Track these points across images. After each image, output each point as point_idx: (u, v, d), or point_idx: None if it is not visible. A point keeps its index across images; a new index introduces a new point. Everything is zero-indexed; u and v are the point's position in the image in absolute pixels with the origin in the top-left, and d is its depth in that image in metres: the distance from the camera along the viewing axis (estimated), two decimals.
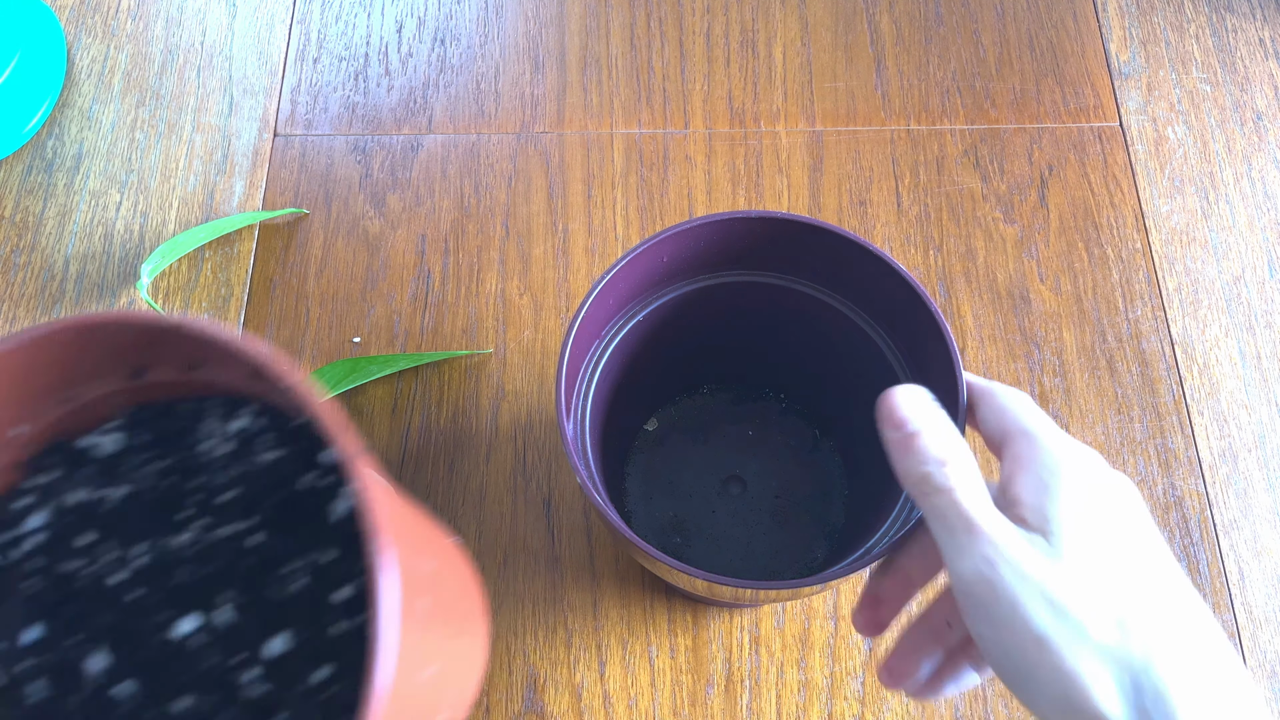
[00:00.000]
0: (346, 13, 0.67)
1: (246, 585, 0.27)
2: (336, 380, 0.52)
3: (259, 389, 0.28)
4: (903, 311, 0.41)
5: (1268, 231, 0.61)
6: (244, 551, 0.28)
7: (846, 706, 0.49)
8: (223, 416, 0.29)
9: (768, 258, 0.45)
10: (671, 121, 0.64)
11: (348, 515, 0.27)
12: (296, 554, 0.28)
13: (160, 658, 0.26)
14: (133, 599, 0.27)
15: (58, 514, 0.28)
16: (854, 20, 0.67)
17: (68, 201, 0.61)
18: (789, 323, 0.48)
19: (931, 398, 0.33)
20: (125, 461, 0.29)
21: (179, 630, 0.27)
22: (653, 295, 0.46)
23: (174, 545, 0.28)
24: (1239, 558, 0.52)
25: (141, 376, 0.28)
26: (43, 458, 0.28)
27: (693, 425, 0.54)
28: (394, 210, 0.61)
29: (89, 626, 0.26)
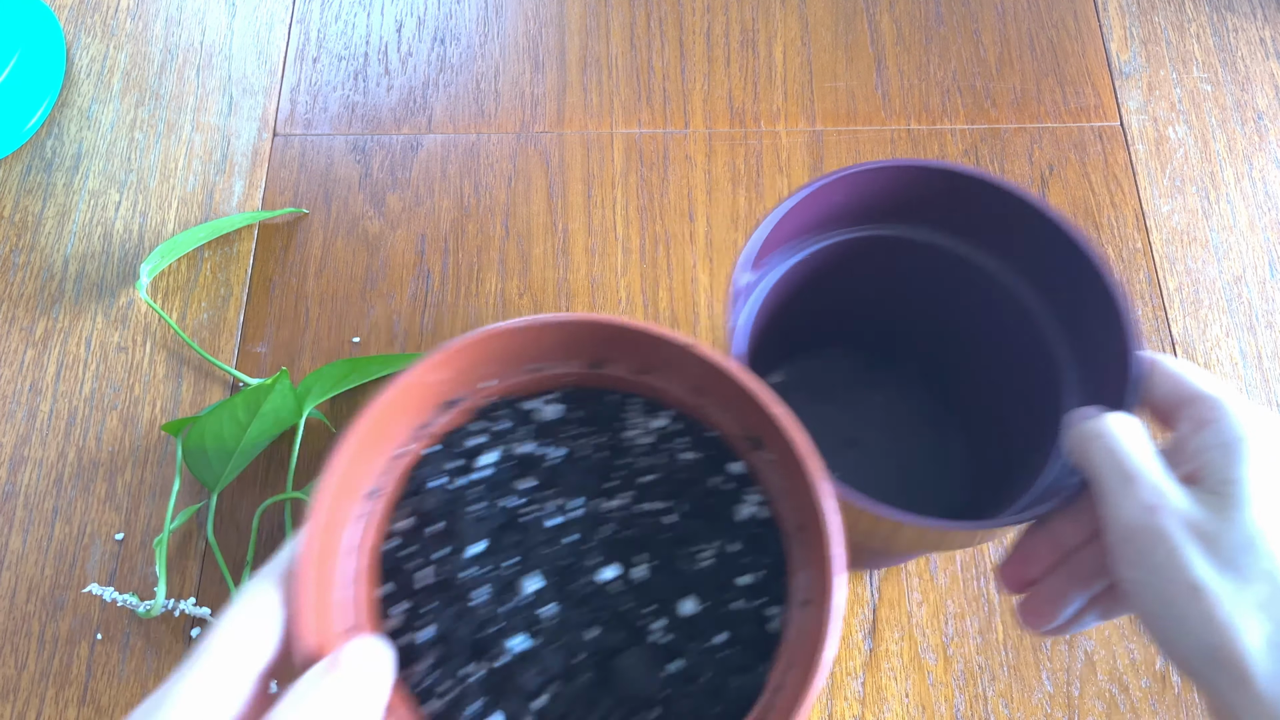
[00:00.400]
0: (346, 12, 0.67)
1: (660, 553, 0.33)
2: (336, 380, 0.52)
3: (691, 402, 0.34)
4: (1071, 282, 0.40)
5: (1269, 231, 0.61)
6: (661, 526, 0.33)
7: (847, 707, 0.49)
8: (644, 413, 0.34)
9: (934, 214, 0.44)
10: (671, 121, 0.64)
11: (749, 519, 0.33)
12: (705, 538, 0.33)
13: (582, 593, 0.32)
14: (567, 542, 0.33)
15: (505, 458, 0.34)
16: (854, 20, 0.67)
17: (67, 201, 0.61)
18: (940, 289, 0.47)
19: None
20: (562, 429, 0.34)
21: (601, 575, 0.32)
22: (809, 240, 0.45)
23: (603, 507, 0.33)
24: None
25: (600, 368, 0.34)
26: (494, 409, 0.34)
27: (820, 384, 0.52)
28: (394, 210, 0.61)
29: (526, 554, 0.32)
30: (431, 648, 0.31)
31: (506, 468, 0.34)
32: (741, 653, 0.31)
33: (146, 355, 0.57)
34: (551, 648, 0.31)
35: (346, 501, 0.31)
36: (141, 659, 0.49)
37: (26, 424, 0.55)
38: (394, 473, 0.33)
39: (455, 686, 0.31)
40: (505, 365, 0.33)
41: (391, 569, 0.32)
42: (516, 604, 0.32)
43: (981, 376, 0.49)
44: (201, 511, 0.52)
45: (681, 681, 0.31)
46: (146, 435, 0.54)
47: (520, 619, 0.32)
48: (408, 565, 0.32)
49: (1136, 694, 0.49)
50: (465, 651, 0.31)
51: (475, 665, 0.31)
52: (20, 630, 0.50)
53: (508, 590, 0.32)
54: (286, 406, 0.50)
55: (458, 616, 0.31)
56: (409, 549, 0.33)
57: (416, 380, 0.31)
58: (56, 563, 0.52)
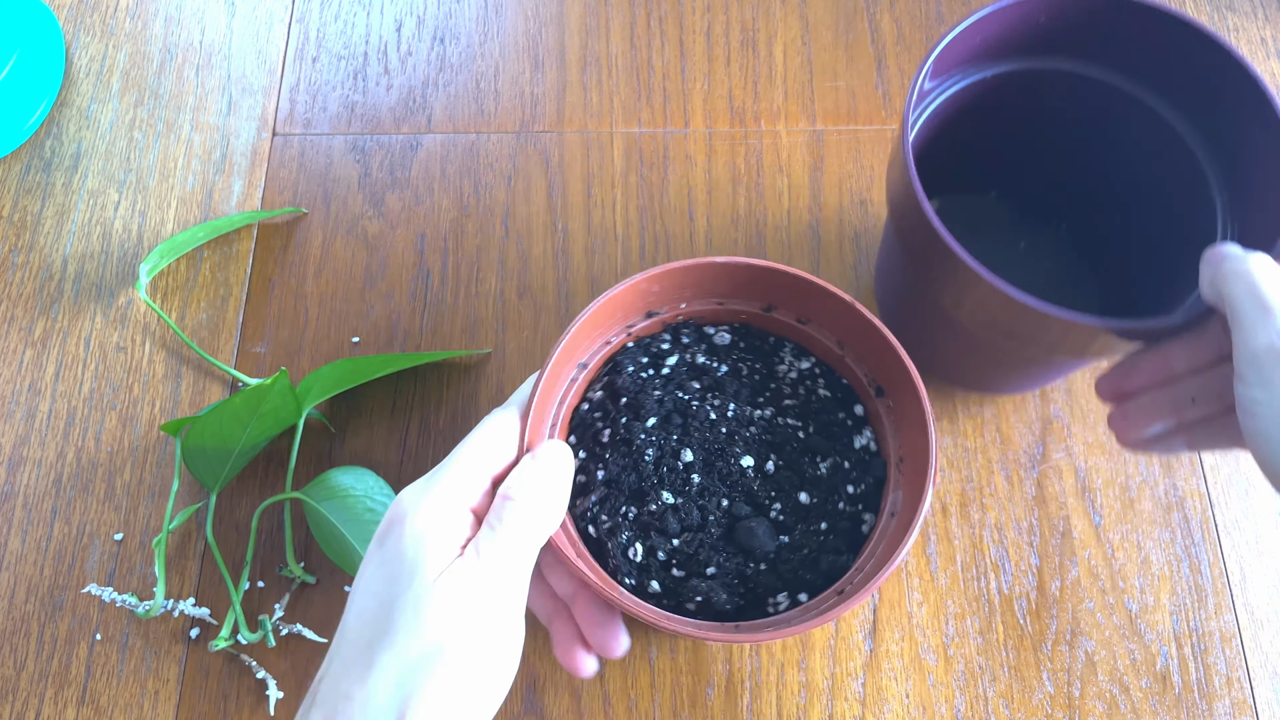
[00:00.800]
0: (345, 12, 0.67)
1: (788, 457, 0.42)
2: (336, 380, 0.52)
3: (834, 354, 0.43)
4: (1235, 114, 0.43)
5: None
6: (793, 438, 0.43)
7: (847, 708, 0.48)
8: (794, 356, 0.45)
9: (1103, 47, 0.46)
10: (671, 121, 0.64)
11: (862, 448, 0.42)
12: (825, 453, 0.42)
13: (724, 471, 0.41)
14: (720, 431, 0.42)
15: (682, 363, 0.44)
16: (854, 19, 0.67)
17: (66, 201, 0.61)
18: (1100, 128, 0.49)
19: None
20: (730, 352, 0.45)
21: (741, 462, 0.42)
22: (981, 66, 0.47)
23: (751, 414, 0.43)
24: (1240, 558, 0.52)
25: (770, 311, 0.44)
26: (682, 326, 0.45)
27: (968, 221, 0.50)
28: (393, 210, 0.61)
29: (686, 434, 0.42)
30: (601, 488, 0.41)
31: (683, 370, 0.44)
32: (836, 540, 0.40)
33: (146, 355, 0.57)
34: (693, 505, 0.40)
35: (567, 365, 0.42)
36: (141, 659, 0.49)
37: (25, 424, 0.55)
38: (600, 355, 0.44)
39: (613, 520, 0.40)
40: (700, 292, 0.43)
41: (579, 424, 0.43)
42: (672, 469, 0.41)
43: (1129, 229, 0.51)
44: (201, 511, 0.52)
45: (788, 550, 0.40)
46: (146, 435, 0.54)
47: (674, 480, 0.41)
48: (594, 424, 0.43)
49: (1137, 694, 0.49)
50: (626, 495, 0.41)
51: (631, 507, 0.40)
52: (19, 630, 0.50)
53: (669, 457, 0.41)
54: (286, 406, 0.49)
55: (626, 468, 0.41)
56: (596, 413, 0.43)
57: (637, 285, 0.41)
58: (55, 563, 0.51)
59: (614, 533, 0.40)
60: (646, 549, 0.39)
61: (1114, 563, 0.52)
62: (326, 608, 0.50)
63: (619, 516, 0.40)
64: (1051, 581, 0.51)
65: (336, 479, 0.51)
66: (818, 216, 0.61)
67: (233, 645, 0.49)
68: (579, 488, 0.41)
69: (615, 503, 0.41)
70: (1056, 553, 0.52)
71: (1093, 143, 0.50)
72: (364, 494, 0.50)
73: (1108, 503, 0.53)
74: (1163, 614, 0.51)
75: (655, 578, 0.40)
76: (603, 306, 0.41)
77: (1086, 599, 0.51)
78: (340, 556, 0.49)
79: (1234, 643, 0.50)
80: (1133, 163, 0.50)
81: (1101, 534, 0.52)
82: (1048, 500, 0.53)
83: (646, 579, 0.40)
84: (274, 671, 0.49)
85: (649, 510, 0.40)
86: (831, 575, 0.40)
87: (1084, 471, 0.54)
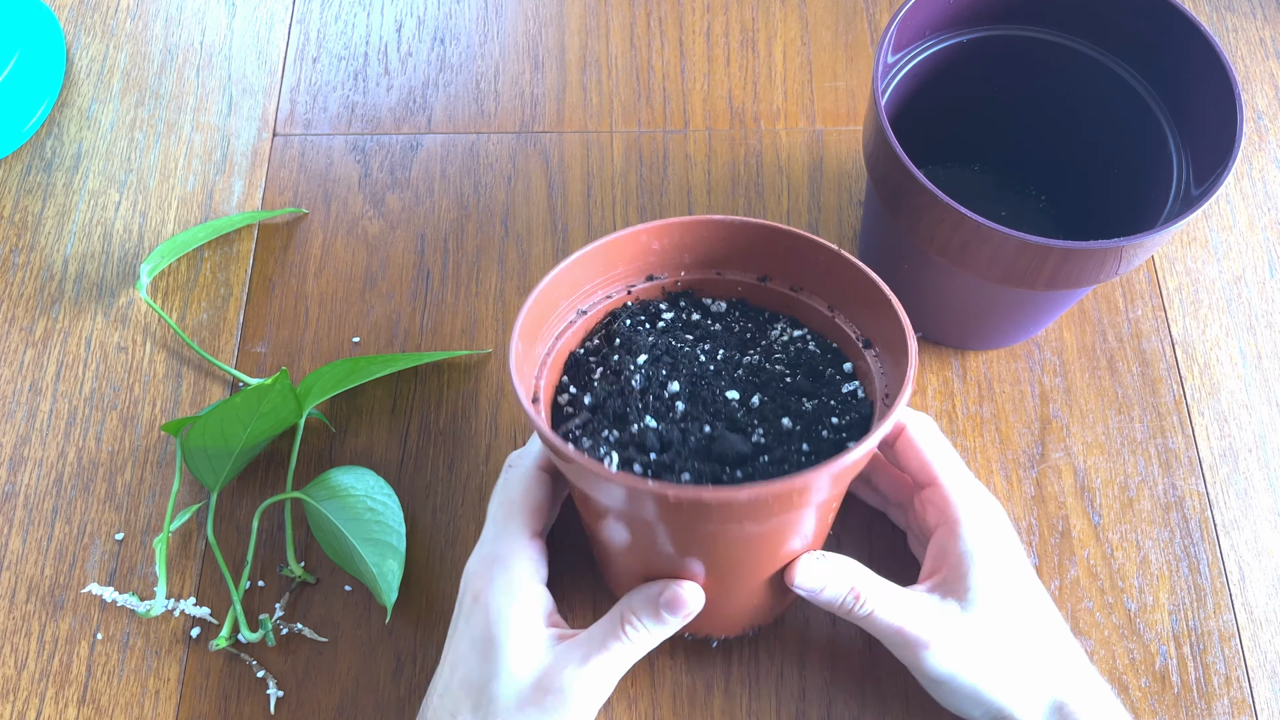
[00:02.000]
0: (346, 12, 0.67)
1: (775, 395, 0.43)
2: (336, 380, 0.52)
3: (827, 323, 0.45)
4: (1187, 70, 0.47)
5: (1268, 231, 0.61)
6: (781, 380, 0.43)
7: (846, 709, 0.49)
8: (788, 326, 0.46)
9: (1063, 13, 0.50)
10: (671, 121, 0.64)
11: (850, 393, 0.43)
12: (812, 394, 0.43)
13: (708, 401, 0.42)
14: (707, 367, 0.43)
15: (678, 319, 0.46)
16: (854, 19, 0.67)
17: (67, 201, 0.61)
18: (1064, 91, 0.53)
19: (820, 557, 0.43)
20: (724, 317, 0.47)
21: (726, 394, 0.42)
22: (942, 36, 0.51)
23: (740, 358, 0.44)
24: (1239, 558, 0.52)
25: (764, 281, 0.46)
26: (681, 296, 0.47)
27: (950, 191, 0.50)
28: (393, 210, 0.61)
29: (676, 370, 0.43)
30: (585, 411, 0.42)
31: (678, 325, 0.45)
32: (817, 461, 0.40)
33: (146, 355, 0.57)
34: (675, 428, 0.41)
35: (565, 303, 0.44)
36: (141, 659, 0.49)
37: (26, 424, 0.55)
38: (601, 306, 0.45)
39: (593, 440, 0.40)
40: (698, 257, 0.46)
41: (573, 365, 0.44)
42: (658, 396, 0.42)
43: (1096, 193, 0.55)
44: (201, 511, 0.52)
45: (766, 464, 0.40)
46: (146, 435, 0.54)
47: (658, 407, 0.41)
48: (587, 363, 0.44)
49: (1136, 694, 0.49)
50: (610, 419, 0.41)
51: (614, 430, 0.41)
52: (20, 630, 0.50)
53: (655, 386, 0.42)
54: (286, 406, 0.50)
55: (612, 394, 0.42)
56: (591, 357, 0.44)
57: (638, 235, 0.43)
58: (56, 563, 0.52)
59: (593, 451, 0.40)
60: (623, 459, 0.39)
61: (1113, 562, 0.52)
62: (327, 607, 0.51)
63: (599, 437, 0.40)
64: (1051, 581, 0.51)
65: (337, 479, 0.51)
66: (817, 217, 0.61)
67: (233, 645, 0.49)
68: (564, 415, 0.42)
69: (598, 425, 0.41)
70: (1055, 552, 0.52)
71: (1059, 108, 0.54)
72: (364, 494, 0.50)
73: (1107, 502, 0.53)
74: (1161, 614, 0.51)
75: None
76: (601, 248, 0.43)
77: (1085, 598, 0.51)
78: (340, 556, 0.49)
79: (1233, 642, 0.50)
80: (1097, 126, 0.53)
81: (1100, 534, 0.52)
82: (1046, 500, 0.53)
83: None
84: (274, 671, 0.49)
85: (630, 432, 0.40)
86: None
87: (1083, 471, 0.54)
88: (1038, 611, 0.44)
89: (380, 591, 0.47)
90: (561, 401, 0.43)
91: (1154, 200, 0.49)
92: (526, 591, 0.42)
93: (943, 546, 0.44)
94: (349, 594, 0.51)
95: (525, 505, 0.43)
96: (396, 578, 0.48)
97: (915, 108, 0.53)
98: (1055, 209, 0.59)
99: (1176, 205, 0.47)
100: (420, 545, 0.52)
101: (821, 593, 0.42)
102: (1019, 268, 0.45)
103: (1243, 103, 0.44)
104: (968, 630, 0.42)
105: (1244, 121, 0.44)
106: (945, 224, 0.44)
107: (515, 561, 0.42)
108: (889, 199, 0.48)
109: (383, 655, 0.50)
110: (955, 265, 0.47)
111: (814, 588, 0.42)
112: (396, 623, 0.50)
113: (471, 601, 0.42)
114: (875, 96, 0.46)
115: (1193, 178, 0.47)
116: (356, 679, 0.49)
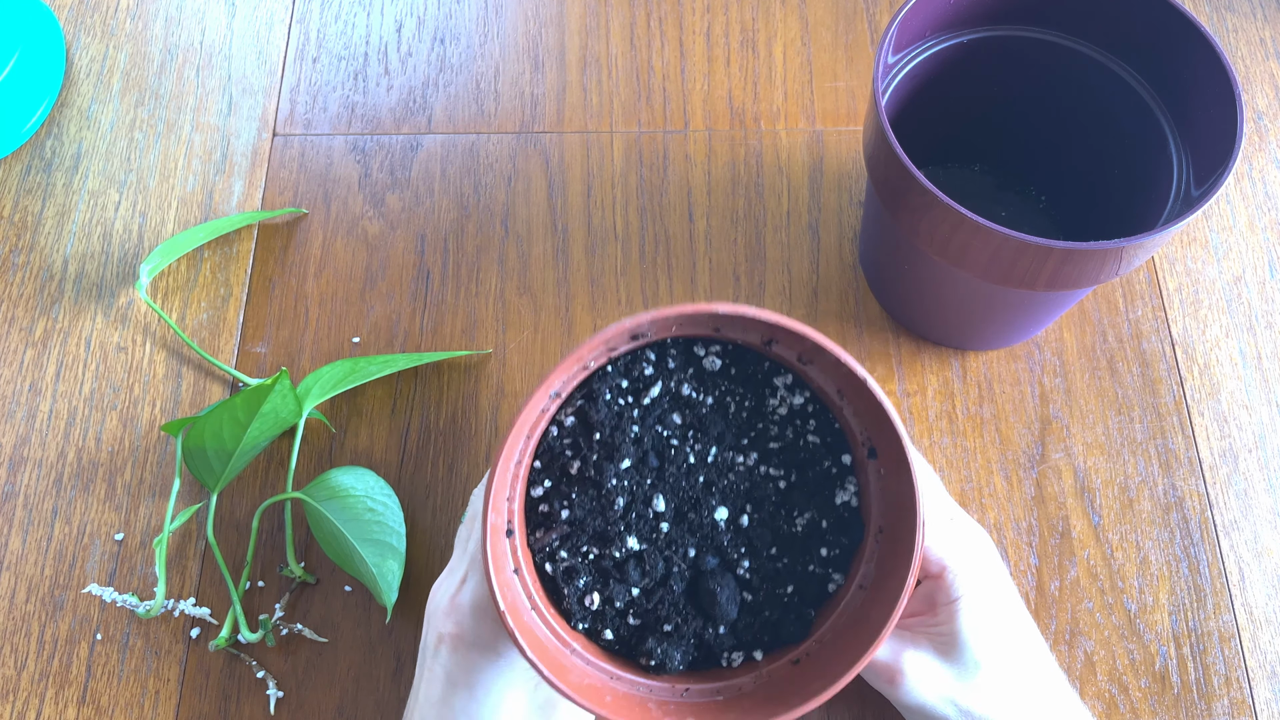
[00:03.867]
0: (346, 12, 0.67)
1: (765, 511, 0.40)
2: (336, 380, 0.52)
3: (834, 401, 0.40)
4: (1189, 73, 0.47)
5: (1268, 231, 0.61)
6: (773, 489, 0.40)
7: (846, 708, 0.49)
8: (788, 389, 0.41)
9: (1064, 15, 0.50)
10: (671, 121, 0.64)
11: (843, 504, 0.40)
12: (804, 509, 0.40)
13: (695, 522, 0.39)
14: (696, 480, 0.40)
15: (665, 393, 0.40)
16: (854, 20, 0.67)
17: (66, 201, 0.61)
18: (1065, 93, 0.53)
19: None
20: (718, 380, 0.40)
21: (715, 514, 0.39)
22: (943, 37, 0.51)
23: (733, 460, 0.40)
24: (1239, 558, 0.52)
25: (770, 345, 0.40)
26: (669, 346, 0.40)
27: (951, 191, 0.51)
28: (393, 210, 0.61)
29: (662, 480, 0.39)
30: (564, 526, 0.39)
31: (665, 401, 0.40)
32: (800, 604, 0.39)
33: (146, 355, 0.57)
34: (659, 555, 0.39)
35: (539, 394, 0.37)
36: (141, 659, 0.49)
37: (26, 424, 0.55)
38: (575, 379, 0.39)
39: (572, 559, 0.38)
40: (694, 326, 0.39)
41: (546, 450, 0.40)
42: (641, 515, 0.39)
43: (1096, 194, 0.55)
44: (201, 511, 0.52)
45: (749, 612, 0.39)
46: (146, 435, 0.54)
47: (642, 527, 0.39)
48: (563, 452, 0.39)
49: (1136, 694, 0.49)
50: (589, 537, 0.39)
51: (593, 549, 0.39)
52: (20, 630, 0.50)
53: (639, 504, 0.39)
54: (286, 406, 0.50)
55: (593, 512, 0.39)
56: (566, 440, 0.40)
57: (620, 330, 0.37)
58: (56, 563, 0.52)
59: (571, 575, 0.38)
60: (604, 598, 0.38)
61: (1113, 563, 0.52)
62: (326, 607, 0.51)
63: (578, 557, 0.39)
64: (1050, 582, 0.51)
65: (337, 479, 0.51)
66: (817, 217, 0.61)
67: (233, 645, 0.49)
68: (540, 518, 0.39)
69: (577, 542, 0.39)
70: (1055, 553, 0.52)
71: (1059, 109, 0.54)
72: (364, 494, 0.50)
73: (1107, 503, 0.53)
74: (1161, 614, 0.51)
75: (609, 626, 0.39)
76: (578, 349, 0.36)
77: (1085, 599, 0.51)
78: (340, 556, 0.49)
79: (1233, 643, 0.50)
80: (1098, 127, 0.53)
81: (1100, 534, 0.52)
82: (1046, 500, 0.53)
83: (601, 626, 0.39)
84: (274, 671, 0.49)
85: (612, 556, 0.39)
86: (791, 640, 0.39)
87: (1083, 472, 0.54)
88: (1029, 655, 0.43)
89: (380, 592, 0.47)
90: (535, 495, 0.39)
91: (1154, 201, 0.49)
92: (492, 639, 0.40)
93: (931, 596, 0.44)
94: (349, 594, 0.51)
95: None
96: (396, 578, 0.48)
97: (915, 108, 0.53)
98: (1055, 209, 0.59)
99: (1176, 206, 0.47)
100: (420, 545, 0.52)
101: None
102: (1019, 268, 0.45)
103: (1243, 103, 0.44)
104: (952, 668, 0.42)
105: (1244, 122, 0.44)
106: (945, 224, 0.44)
107: (485, 605, 0.40)
108: (889, 199, 0.48)
109: (383, 655, 0.50)
110: (955, 266, 0.47)
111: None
112: (396, 623, 0.50)
113: (437, 641, 0.40)
114: (875, 97, 0.45)
115: (1193, 178, 0.47)
116: (356, 679, 0.49)
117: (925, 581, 0.44)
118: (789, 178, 0.62)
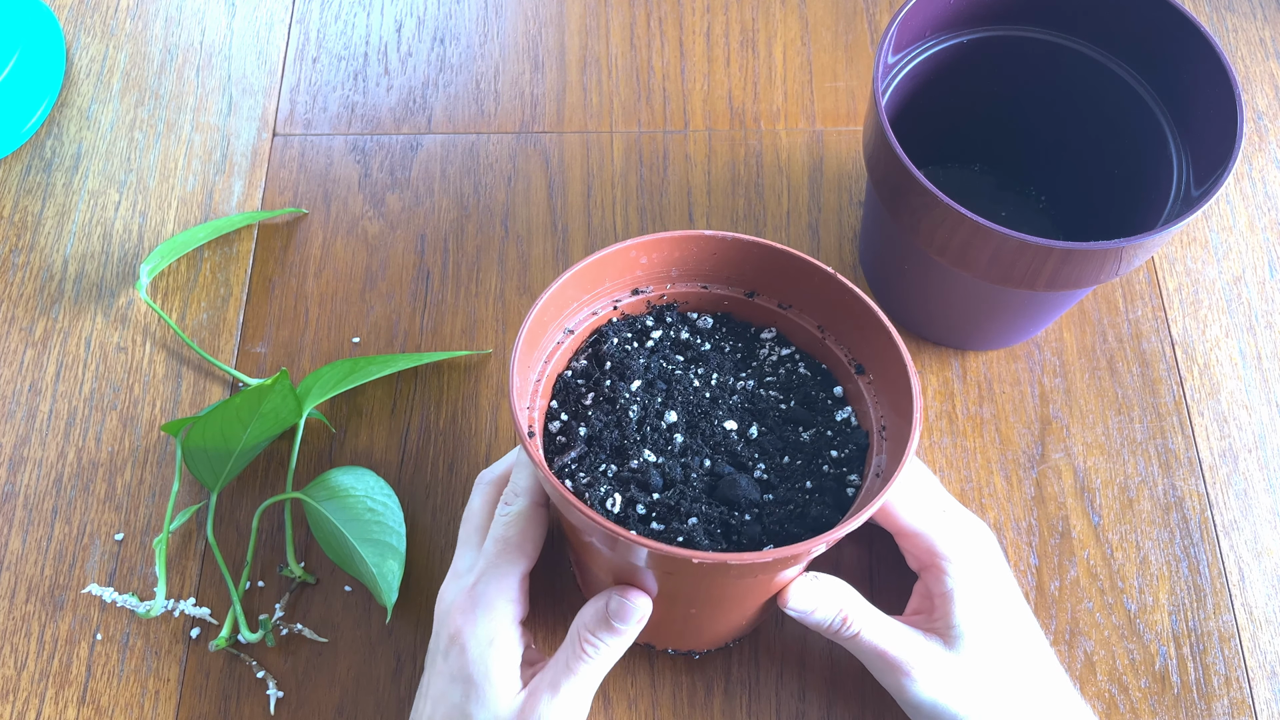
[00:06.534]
0: (346, 12, 0.67)
1: (771, 424, 0.43)
2: (336, 381, 0.52)
3: (815, 343, 0.44)
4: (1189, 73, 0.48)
5: (1268, 232, 0.61)
6: (776, 407, 0.43)
7: (846, 709, 0.49)
8: (774, 343, 0.45)
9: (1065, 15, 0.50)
10: (671, 121, 0.64)
11: (844, 421, 0.43)
12: (808, 423, 0.43)
13: (707, 433, 0.42)
14: (704, 396, 0.43)
15: (666, 337, 0.45)
16: (854, 20, 0.67)
17: (66, 201, 0.61)
18: (1064, 92, 0.53)
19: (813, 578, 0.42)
20: (712, 334, 0.45)
21: (725, 424, 0.42)
22: (943, 37, 0.51)
23: (734, 383, 0.44)
24: (1239, 558, 0.52)
25: (752, 296, 0.45)
26: (666, 309, 0.45)
27: (951, 191, 0.51)
28: (393, 210, 0.61)
29: (671, 398, 0.42)
30: (581, 444, 0.41)
31: (667, 344, 0.44)
32: (823, 498, 0.40)
33: (146, 355, 0.57)
34: (675, 463, 0.40)
35: (553, 324, 0.42)
36: (141, 659, 0.49)
37: (26, 424, 0.55)
38: (587, 324, 0.44)
39: (591, 475, 0.40)
40: (685, 271, 0.44)
41: (562, 389, 0.43)
42: (655, 428, 0.41)
43: (1096, 195, 0.55)
44: (201, 511, 0.52)
45: (773, 504, 0.40)
46: (146, 435, 0.54)
47: (656, 439, 0.41)
48: (578, 388, 0.43)
49: (1136, 694, 0.49)
50: (607, 453, 0.41)
51: (612, 465, 0.40)
52: (20, 630, 0.50)
53: (652, 417, 0.41)
54: (286, 406, 0.50)
55: (609, 425, 0.41)
56: (580, 380, 0.43)
57: (626, 250, 0.42)
58: (56, 563, 0.52)
59: (592, 486, 0.39)
60: (625, 499, 0.39)
61: (1113, 563, 0.52)
62: (327, 608, 0.51)
63: (597, 473, 0.40)
64: (1050, 582, 0.51)
65: (337, 479, 0.51)
66: (817, 217, 0.61)
67: (233, 645, 0.49)
68: (558, 446, 0.41)
69: (595, 459, 0.40)
70: (1055, 553, 0.52)
71: (1059, 109, 0.54)
72: (364, 494, 0.50)
73: (1106, 503, 0.53)
74: (1161, 614, 0.51)
75: (633, 529, 0.39)
76: (590, 266, 0.41)
77: (1085, 599, 0.51)
78: (340, 556, 0.49)
79: (1232, 643, 0.50)
80: (1098, 127, 0.53)
81: (1100, 534, 0.52)
82: (1046, 500, 0.53)
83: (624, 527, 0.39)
84: (274, 671, 0.49)
85: (630, 467, 0.40)
86: (818, 529, 0.39)
87: (1083, 472, 0.54)
88: (1025, 645, 0.44)
89: (380, 592, 0.47)
90: (553, 429, 0.42)
91: (1154, 201, 0.49)
92: (505, 637, 0.41)
93: (928, 589, 0.44)
94: (349, 594, 0.51)
95: (523, 548, 0.42)
96: (396, 578, 0.48)
97: (915, 108, 0.53)
98: (1055, 209, 0.59)
99: (1177, 206, 0.47)
100: (420, 545, 0.52)
101: (812, 614, 0.42)
102: (1019, 268, 0.45)
103: (1243, 103, 0.44)
104: (951, 662, 0.42)
105: (1244, 122, 0.44)
106: (945, 224, 0.45)
107: (499, 603, 0.41)
108: (889, 199, 0.48)
109: (383, 655, 0.50)
110: (955, 266, 0.47)
111: (806, 609, 0.42)
112: (396, 623, 0.50)
113: (449, 641, 0.42)
114: (875, 97, 0.45)
115: (1193, 178, 0.47)
116: (356, 679, 0.49)
117: (922, 574, 0.45)
118: (789, 178, 0.62)
